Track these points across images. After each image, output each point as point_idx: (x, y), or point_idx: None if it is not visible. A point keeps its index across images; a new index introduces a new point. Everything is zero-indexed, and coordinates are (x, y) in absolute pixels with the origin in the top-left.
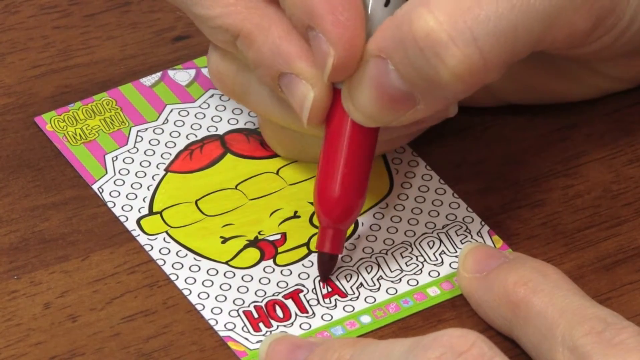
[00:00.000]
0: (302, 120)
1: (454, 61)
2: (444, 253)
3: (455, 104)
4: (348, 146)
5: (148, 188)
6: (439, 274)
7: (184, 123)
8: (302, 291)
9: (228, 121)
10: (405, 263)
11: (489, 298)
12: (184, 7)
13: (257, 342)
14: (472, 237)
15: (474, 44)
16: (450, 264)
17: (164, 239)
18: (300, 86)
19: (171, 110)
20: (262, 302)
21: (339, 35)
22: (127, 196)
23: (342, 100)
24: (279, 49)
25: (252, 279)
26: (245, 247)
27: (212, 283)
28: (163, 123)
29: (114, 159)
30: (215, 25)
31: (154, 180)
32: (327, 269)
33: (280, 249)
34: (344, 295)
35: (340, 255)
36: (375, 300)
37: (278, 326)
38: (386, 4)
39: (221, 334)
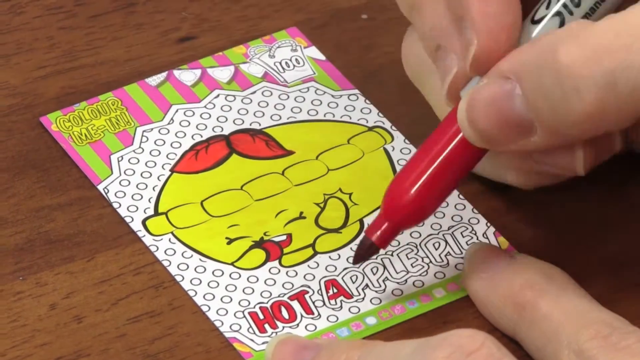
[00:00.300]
0: (443, 92)
1: (591, 99)
2: (450, 254)
3: (581, 161)
4: (446, 156)
5: (153, 188)
6: (444, 276)
7: (189, 123)
8: (307, 292)
9: (234, 121)
10: (411, 264)
11: (495, 299)
12: None
13: (263, 343)
14: (477, 239)
15: (613, 88)
16: (455, 266)
17: (170, 240)
18: (448, 59)
19: (177, 110)
20: (267, 303)
21: (482, 25)
22: (132, 196)
23: (457, 112)
24: (441, 22)
25: (257, 280)
26: (251, 248)
27: (218, 284)
28: (168, 123)
29: (120, 159)
30: None
31: (160, 180)
32: (363, 256)
33: (285, 250)
34: (349, 296)
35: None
36: (380, 301)
37: (283, 327)
38: (533, 21)
39: (227, 335)
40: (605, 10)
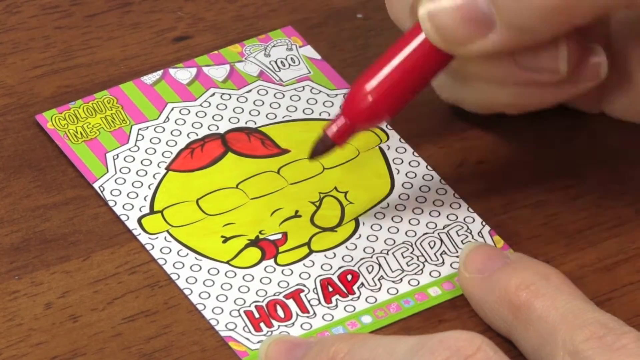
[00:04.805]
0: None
1: None
2: (445, 253)
3: (564, 61)
4: (407, 62)
5: (149, 187)
6: (440, 274)
7: (185, 121)
8: (303, 291)
9: (229, 120)
10: (406, 263)
11: (490, 299)
12: None
13: (258, 342)
14: (473, 238)
15: None
16: (451, 264)
17: (165, 238)
18: None
19: (172, 109)
20: (263, 301)
21: None
22: (128, 195)
23: (417, 8)
24: None
25: (253, 278)
26: (246, 246)
27: (213, 283)
28: (164, 121)
29: (115, 157)
30: None
31: (155, 178)
32: (319, 150)
33: (281, 249)
34: (344, 295)
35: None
36: (376, 300)
37: (279, 326)
38: None
39: (222, 334)
40: None
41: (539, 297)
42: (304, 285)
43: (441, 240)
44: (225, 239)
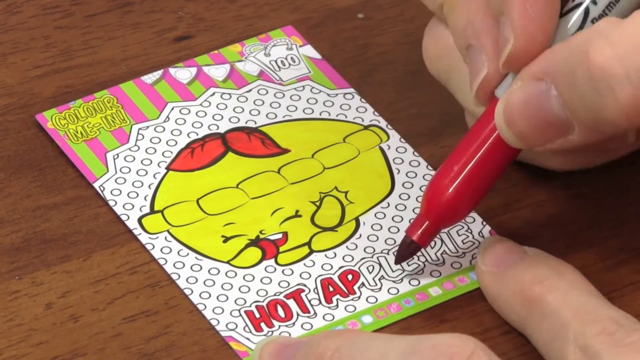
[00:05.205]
0: (471, 92)
1: (625, 96)
2: (446, 253)
3: (633, 132)
4: (484, 155)
5: (149, 186)
6: (440, 274)
7: (185, 121)
8: (303, 291)
9: (229, 119)
10: (407, 263)
11: (505, 293)
12: None
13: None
14: (473, 237)
15: None
16: (451, 264)
17: (165, 238)
18: (479, 60)
19: (172, 108)
20: (263, 301)
21: (522, 26)
22: (128, 194)
23: (494, 114)
24: (472, 21)
25: (253, 278)
26: (247, 246)
27: (214, 283)
28: (164, 121)
29: (115, 157)
30: None
31: (155, 178)
32: (405, 255)
33: (281, 249)
34: (345, 295)
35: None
36: (376, 300)
37: (280, 326)
38: (561, 14)
39: (223, 334)
40: (628, 2)
41: (552, 292)
42: (305, 285)
43: (442, 240)
44: (226, 239)
